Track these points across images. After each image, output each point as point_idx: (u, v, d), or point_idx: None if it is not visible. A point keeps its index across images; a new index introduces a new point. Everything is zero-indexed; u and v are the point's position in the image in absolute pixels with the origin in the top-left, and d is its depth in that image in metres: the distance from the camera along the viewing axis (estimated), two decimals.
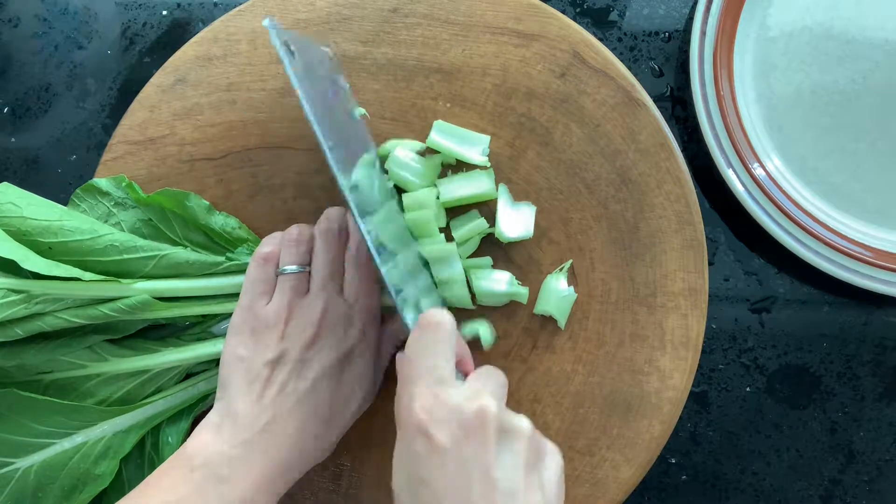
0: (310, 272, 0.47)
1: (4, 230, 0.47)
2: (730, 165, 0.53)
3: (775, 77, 0.55)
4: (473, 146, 0.52)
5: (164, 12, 0.61)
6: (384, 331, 0.50)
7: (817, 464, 0.56)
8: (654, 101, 0.52)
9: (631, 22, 0.58)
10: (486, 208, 0.52)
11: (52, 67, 0.62)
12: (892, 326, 0.56)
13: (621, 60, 0.53)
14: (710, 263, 0.56)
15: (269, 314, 0.45)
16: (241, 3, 0.56)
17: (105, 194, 0.52)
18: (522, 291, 0.51)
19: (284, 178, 0.54)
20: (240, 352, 0.44)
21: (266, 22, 0.44)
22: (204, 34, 0.55)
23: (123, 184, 0.52)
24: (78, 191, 0.52)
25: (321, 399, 0.44)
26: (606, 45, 0.54)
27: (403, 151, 0.51)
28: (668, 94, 0.58)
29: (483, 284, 0.50)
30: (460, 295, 0.51)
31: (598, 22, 0.59)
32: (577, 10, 0.59)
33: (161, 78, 0.55)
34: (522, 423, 0.38)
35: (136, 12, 0.62)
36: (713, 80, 0.54)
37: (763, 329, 0.56)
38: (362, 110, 0.53)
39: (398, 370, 0.43)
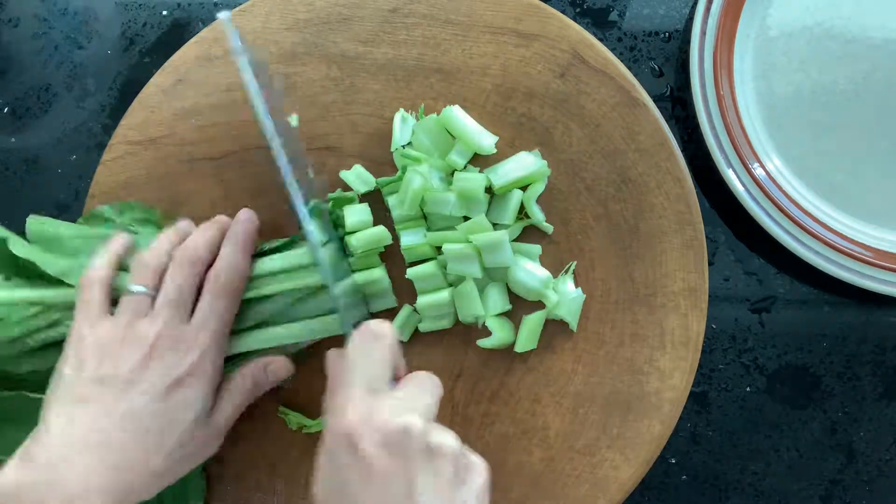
0: (155, 296, 0.45)
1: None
2: (730, 165, 0.53)
3: (775, 77, 0.55)
4: (482, 137, 0.52)
5: (164, 12, 0.61)
6: (249, 364, 0.49)
7: (817, 464, 0.56)
8: (654, 101, 0.52)
9: (631, 22, 0.58)
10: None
11: (52, 67, 0.62)
12: (892, 326, 0.56)
13: (621, 60, 0.53)
14: (710, 263, 0.56)
15: (100, 335, 0.44)
16: (241, 3, 0.56)
17: (108, 220, 0.52)
18: (552, 297, 0.50)
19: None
20: (65, 370, 0.43)
21: (222, 15, 0.44)
22: (204, 34, 0.55)
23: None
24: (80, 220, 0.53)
25: (143, 422, 0.42)
26: (606, 45, 0.54)
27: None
28: (668, 94, 0.58)
29: (520, 275, 0.50)
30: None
31: (598, 22, 0.59)
32: (577, 10, 0.59)
33: (161, 78, 0.55)
34: (447, 440, 0.38)
35: (136, 12, 0.62)
36: (713, 80, 0.54)
37: (763, 329, 0.56)
38: (296, 117, 0.53)
39: (331, 369, 0.43)
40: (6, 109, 0.62)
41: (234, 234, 0.48)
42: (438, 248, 0.51)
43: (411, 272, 0.50)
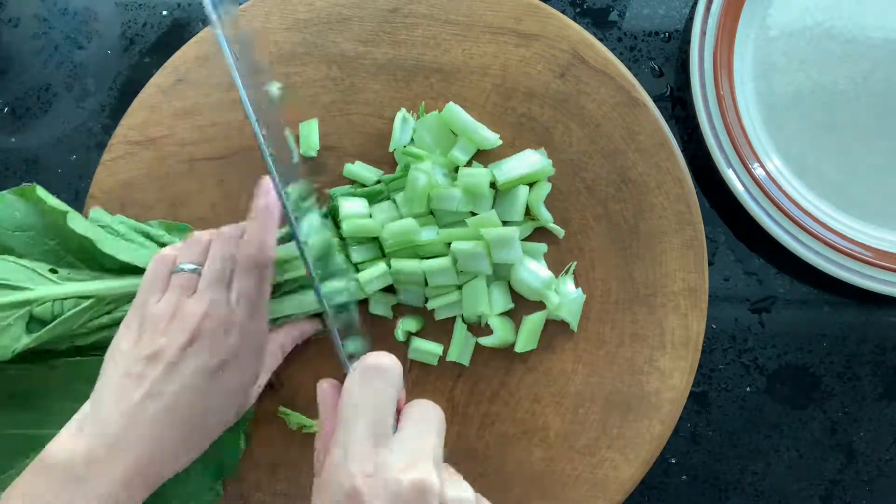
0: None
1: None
2: (730, 165, 0.53)
3: (775, 77, 0.55)
4: (486, 130, 0.52)
5: (164, 12, 0.61)
6: (276, 336, 0.49)
7: (817, 464, 0.56)
8: (654, 101, 0.52)
9: (631, 22, 0.58)
10: None
11: (52, 67, 0.62)
12: (892, 326, 0.56)
13: (621, 60, 0.53)
14: (710, 263, 0.56)
15: (154, 311, 0.44)
16: (241, 3, 0.56)
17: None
18: (554, 299, 0.50)
19: None
20: (121, 345, 0.44)
21: (209, 11, 0.44)
22: (204, 34, 0.55)
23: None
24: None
25: (189, 403, 0.43)
26: (606, 45, 0.54)
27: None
28: (668, 94, 0.58)
29: (524, 274, 0.50)
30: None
31: (598, 22, 0.59)
32: (577, 10, 0.59)
33: (161, 78, 0.55)
34: (464, 495, 0.36)
35: (136, 12, 0.62)
36: (713, 80, 0.54)
37: (763, 329, 0.56)
38: (278, 83, 0.53)
39: (325, 407, 0.41)
40: (6, 109, 0.62)
41: (255, 209, 0.47)
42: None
43: (426, 265, 0.50)
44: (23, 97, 0.62)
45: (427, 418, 0.38)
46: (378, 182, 0.52)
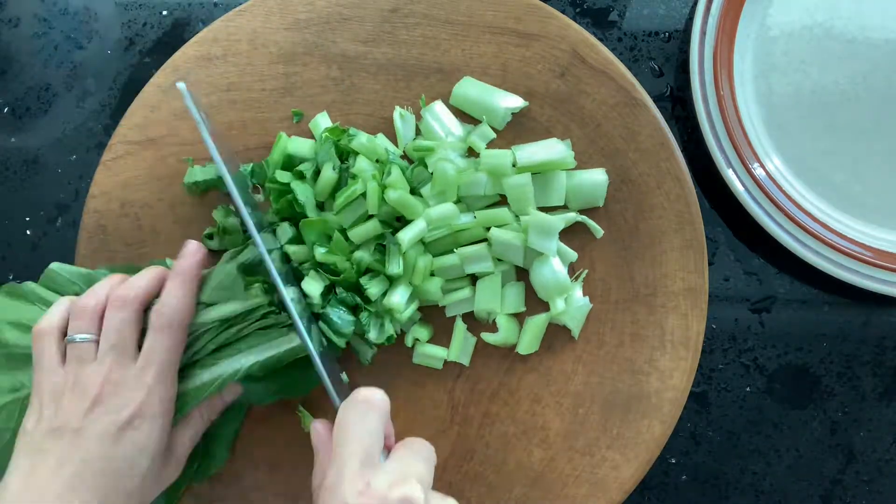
0: (97, 340, 0.45)
1: None
2: (730, 165, 0.53)
3: (775, 77, 0.55)
4: (504, 97, 0.52)
5: (164, 12, 0.61)
6: (204, 402, 0.48)
7: (817, 464, 0.56)
8: (654, 101, 0.52)
9: (631, 22, 0.58)
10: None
11: (52, 67, 0.62)
12: (892, 326, 0.56)
13: (621, 60, 0.53)
14: (710, 263, 0.56)
15: (52, 385, 0.44)
16: (241, 3, 0.56)
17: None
18: (559, 304, 0.50)
19: None
20: (26, 426, 0.43)
21: (181, 85, 0.46)
22: (204, 34, 0.55)
23: None
24: None
25: (97, 468, 0.42)
26: (606, 45, 0.54)
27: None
28: (668, 94, 0.58)
29: (546, 271, 0.50)
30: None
31: (598, 22, 0.59)
32: (577, 10, 0.59)
33: (161, 78, 0.55)
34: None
35: (136, 12, 0.62)
36: (713, 80, 0.53)
37: (763, 329, 0.56)
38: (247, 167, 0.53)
39: (318, 443, 0.42)
40: (6, 109, 0.62)
41: (177, 269, 0.47)
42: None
43: (461, 252, 0.50)
44: (23, 97, 0.62)
45: (416, 449, 0.41)
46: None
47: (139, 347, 0.45)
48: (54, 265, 0.51)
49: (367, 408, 0.41)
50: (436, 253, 0.51)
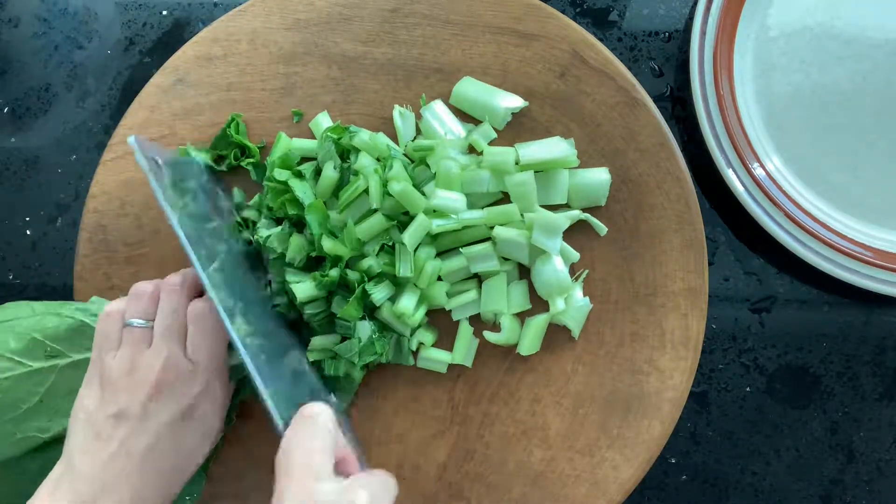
0: (153, 326, 0.46)
1: None
2: (730, 165, 0.53)
3: (775, 77, 0.55)
4: (504, 97, 0.52)
5: (164, 12, 0.61)
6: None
7: (817, 464, 0.56)
8: (654, 101, 0.52)
9: (631, 22, 0.58)
10: None
11: (52, 67, 0.62)
12: (892, 326, 0.56)
13: (621, 60, 0.53)
14: (710, 263, 0.56)
15: (112, 368, 0.44)
16: (241, 3, 0.56)
17: None
18: (559, 304, 0.50)
19: None
20: (86, 403, 0.44)
21: (131, 140, 0.46)
22: (204, 34, 0.55)
23: None
24: None
25: (162, 454, 0.43)
26: (606, 45, 0.54)
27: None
28: (668, 94, 0.58)
29: (548, 270, 0.50)
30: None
31: (598, 22, 0.59)
32: (577, 10, 0.59)
33: (161, 78, 0.55)
34: None
35: (136, 12, 0.62)
36: (713, 80, 0.53)
37: (763, 329, 0.56)
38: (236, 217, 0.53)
39: (276, 465, 0.42)
40: (6, 109, 0.62)
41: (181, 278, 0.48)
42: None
43: (466, 251, 0.50)
44: (23, 97, 0.62)
45: (376, 474, 0.41)
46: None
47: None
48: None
49: (311, 423, 0.41)
50: (441, 249, 0.51)
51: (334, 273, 0.48)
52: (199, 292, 0.48)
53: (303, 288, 0.49)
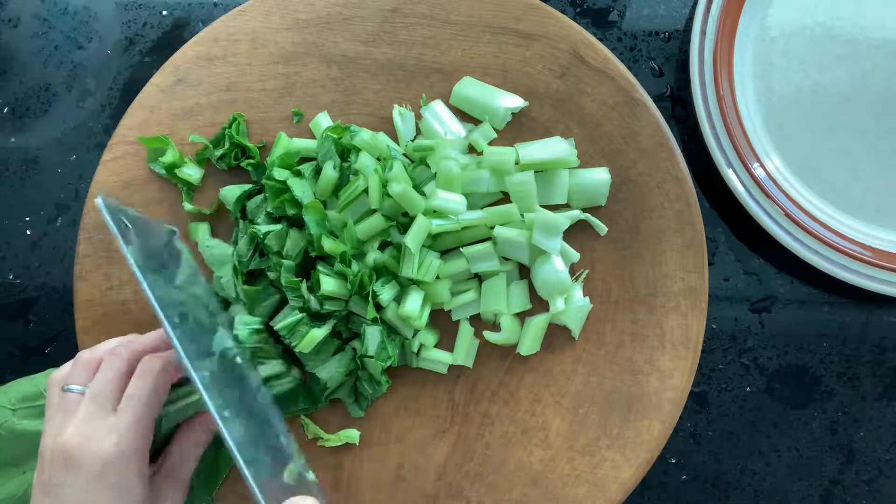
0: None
1: None
2: (730, 165, 0.53)
3: (775, 77, 0.55)
4: (504, 97, 0.52)
5: (164, 12, 0.61)
6: (180, 440, 0.49)
7: (817, 464, 0.56)
8: (654, 101, 0.52)
9: (631, 22, 0.58)
10: None
11: (52, 67, 0.62)
12: (892, 326, 0.56)
13: (621, 60, 0.53)
14: (710, 263, 0.56)
15: (45, 435, 0.44)
16: (241, 3, 0.56)
17: None
18: (559, 304, 0.50)
19: None
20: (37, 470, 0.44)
21: (98, 200, 0.46)
22: (204, 34, 0.55)
23: None
24: None
25: None
26: (606, 45, 0.54)
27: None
28: (668, 94, 0.58)
29: (548, 270, 0.49)
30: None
31: (598, 22, 0.59)
32: (577, 10, 0.59)
33: (161, 78, 0.55)
34: None
35: (136, 12, 0.62)
36: (713, 80, 0.54)
37: (763, 329, 0.56)
38: (202, 276, 0.53)
39: None
40: (6, 109, 0.62)
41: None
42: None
43: (466, 251, 0.50)
44: (23, 97, 0.62)
45: None
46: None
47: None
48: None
49: None
50: (441, 249, 0.51)
51: (356, 267, 0.49)
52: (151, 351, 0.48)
53: (329, 282, 0.49)
